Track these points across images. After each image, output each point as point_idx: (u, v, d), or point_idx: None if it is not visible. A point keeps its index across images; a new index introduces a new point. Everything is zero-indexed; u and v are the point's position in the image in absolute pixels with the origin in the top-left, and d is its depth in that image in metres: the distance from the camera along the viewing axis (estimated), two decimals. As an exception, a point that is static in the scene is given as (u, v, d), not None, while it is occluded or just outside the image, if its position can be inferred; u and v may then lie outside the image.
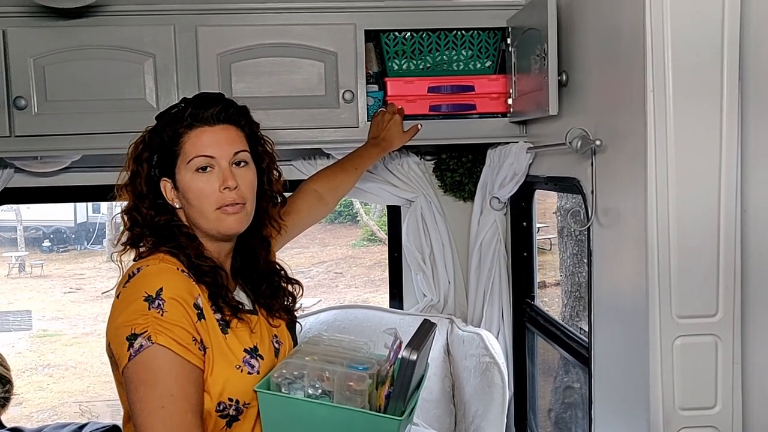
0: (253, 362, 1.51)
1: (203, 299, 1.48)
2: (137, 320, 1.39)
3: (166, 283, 1.43)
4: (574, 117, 2.03)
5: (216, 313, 1.50)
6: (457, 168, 2.81)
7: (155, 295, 1.41)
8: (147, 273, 1.46)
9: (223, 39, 2.34)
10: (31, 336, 11.00)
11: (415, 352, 1.42)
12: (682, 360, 1.58)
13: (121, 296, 1.45)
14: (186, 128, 1.55)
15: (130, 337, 1.39)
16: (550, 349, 2.96)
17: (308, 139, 2.43)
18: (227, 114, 1.57)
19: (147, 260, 1.50)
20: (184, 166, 1.54)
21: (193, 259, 1.52)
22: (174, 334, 1.40)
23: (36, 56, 2.29)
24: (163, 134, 1.57)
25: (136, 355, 1.38)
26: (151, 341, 1.38)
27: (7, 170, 2.64)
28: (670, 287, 1.58)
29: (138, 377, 1.38)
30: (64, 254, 16.12)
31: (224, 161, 1.55)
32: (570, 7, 2.03)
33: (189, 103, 1.58)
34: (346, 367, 1.49)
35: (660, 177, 1.57)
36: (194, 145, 1.54)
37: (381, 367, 1.52)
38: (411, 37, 2.47)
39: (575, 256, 5.58)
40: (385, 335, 1.57)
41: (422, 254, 2.82)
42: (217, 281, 1.53)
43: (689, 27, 1.55)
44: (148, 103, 2.32)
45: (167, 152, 1.56)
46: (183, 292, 1.44)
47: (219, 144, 1.55)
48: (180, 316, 1.41)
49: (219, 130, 1.55)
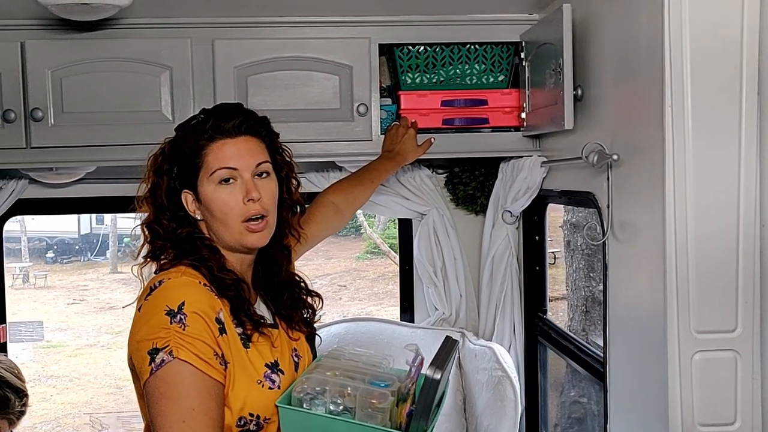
0: (274, 377, 1.51)
1: (225, 313, 1.48)
2: (159, 334, 1.39)
3: (188, 297, 1.43)
4: (589, 131, 2.03)
5: (237, 327, 1.50)
6: (470, 181, 2.81)
7: (177, 309, 1.41)
8: (169, 286, 1.46)
9: (239, 52, 2.36)
10: (35, 347, 11.00)
11: (439, 371, 1.42)
12: (701, 375, 1.58)
13: (143, 309, 1.45)
14: (207, 140, 1.54)
15: (151, 352, 1.38)
16: (558, 363, 2.96)
17: (322, 151, 2.45)
18: (248, 125, 1.57)
19: (169, 273, 1.50)
20: (207, 179, 1.54)
21: (215, 271, 1.51)
22: (196, 348, 1.39)
23: (53, 68, 2.30)
24: (183, 146, 1.57)
25: (157, 369, 1.38)
26: (173, 356, 1.38)
27: (21, 181, 2.65)
28: (689, 302, 1.58)
29: (159, 391, 1.38)
30: (67, 265, 16.14)
31: (247, 173, 1.55)
32: (585, 22, 2.04)
33: (209, 114, 1.58)
34: (368, 383, 1.48)
35: (678, 191, 1.57)
36: (216, 158, 1.54)
37: (402, 384, 1.51)
38: (424, 51, 2.48)
39: (582, 270, 5.57)
40: (403, 350, 1.57)
41: (434, 267, 2.82)
42: (240, 295, 1.53)
43: (708, 42, 1.56)
44: (164, 115, 2.34)
45: (188, 164, 1.56)
46: (205, 307, 1.44)
47: (241, 156, 1.55)
48: (202, 331, 1.41)
49: (241, 142, 1.55)
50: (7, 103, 2.30)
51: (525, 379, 2.76)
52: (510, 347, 2.73)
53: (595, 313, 5.51)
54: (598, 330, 5.43)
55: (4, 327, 2.86)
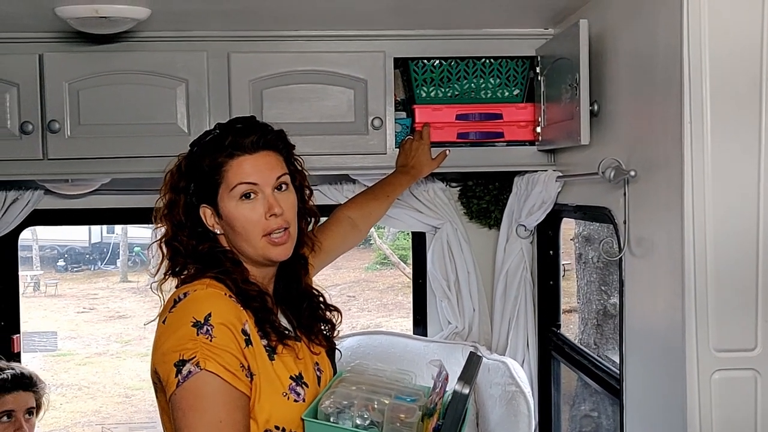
0: (299, 390, 1.50)
1: (250, 325, 1.48)
2: (186, 345, 1.39)
3: (215, 309, 1.43)
4: (605, 146, 2.03)
5: (263, 339, 1.50)
6: (484, 195, 2.81)
7: (203, 321, 1.40)
8: (195, 298, 1.45)
9: (255, 65, 2.37)
10: (45, 355, 11.03)
11: (467, 386, 1.43)
12: (720, 394, 1.56)
13: (168, 321, 1.45)
14: (227, 157, 1.54)
15: (178, 363, 1.38)
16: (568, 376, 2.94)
17: (337, 165, 2.45)
18: (266, 140, 1.57)
19: (194, 285, 1.49)
20: (228, 194, 1.54)
21: (240, 284, 1.51)
22: (223, 360, 1.39)
23: (71, 80, 2.32)
24: (201, 163, 1.56)
25: (184, 381, 1.37)
26: (200, 367, 1.37)
27: (37, 192, 2.67)
28: (708, 320, 1.56)
29: (186, 403, 1.37)
30: (78, 274, 16.20)
31: (267, 188, 1.55)
32: (601, 37, 2.04)
33: (227, 130, 1.57)
34: (394, 398, 1.48)
35: (697, 207, 1.56)
36: (236, 174, 1.54)
37: (428, 399, 1.51)
38: (439, 64, 2.48)
39: (594, 284, 5.55)
40: (421, 366, 1.57)
41: (447, 281, 2.82)
42: (265, 306, 1.53)
43: (728, 57, 1.55)
44: (180, 128, 2.35)
45: (207, 181, 1.55)
46: (232, 318, 1.44)
47: (261, 171, 1.55)
48: (229, 342, 1.41)
49: (260, 157, 1.56)
50: (24, 115, 2.32)
51: (538, 394, 2.75)
52: (523, 362, 2.72)
53: (606, 326, 5.48)
54: (609, 344, 5.41)
55: (18, 337, 2.88)
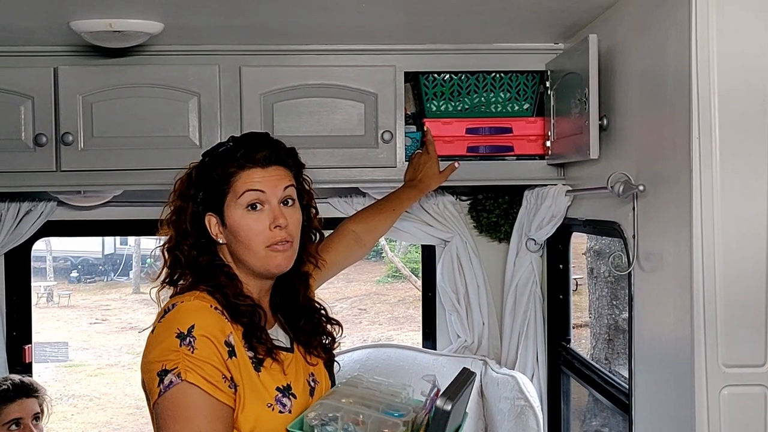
0: (285, 401, 1.51)
1: (236, 337, 1.49)
2: (169, 356, 1.41)
3: (198, 321, 1.45)
4: (615, 161, 2.03)
5: (249, 350, 1.51)
6: (494, 209, 2.81)
7: (187, 332, 1.43)
8: (181, 309, 1.48)
9: (266, 79, 2.39)
10: (57, 366, 11.06)
11: (449, 402, 1.40)
12: (730, 411, 1.55)
13: (156, 331, 1.48)
14: (237, 168, 1.56)
15: (160, 373, 1.41)
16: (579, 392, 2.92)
17: (347, 177, 2.46)
18: (278, 156, 1.59)
19: (182, 296, 1.52)
20: (234, 203, 1.56)
21: (231, 298, 1.52)
22: (204, 371, 1.41)
23: (85, 93, 2.35)
24: (212, 172, 1.58)
25: (165, 391, 1.40)
26: (181, 378, 1.40)
27: (50, 203, 2.69)
28: (717, 335, 1.56)
29: (168, 413, 1.40)
30: (90, 285, 16.26)
31: (274, 200, 1.57)
32: (611, 52, 2.05)
33: (240, 143, 1.59)
34: (382, 412, 1.47)
35: (706, 223, 1.56)
36: (245, 182, 1.55)
37: (417, 415, 1.50)
38: (450, 78, 2.49)
39: (605, 298, 5.52)
40: (421, 380, 1.56)
41: (457, 295, 2.81)
42: (254, 321, 1.53)
43: (736, 73, 1.56)
44: (192, 140, 2.37)
45: (216, 190, 1.57)
46: (214, 330, 1.45)
47: (270, 181, 1.56)
48: (210, 354, 1.43)
49: (270, 171, 1.57)
50: (39, 127, 2.35)
51: (548, 408, 2.73)
52: (533, 376, 2.70)
53: (618, 341, 5.44)
54: (621, 359, 5.37)
55: (30, 347, 2.90)
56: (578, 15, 2.14)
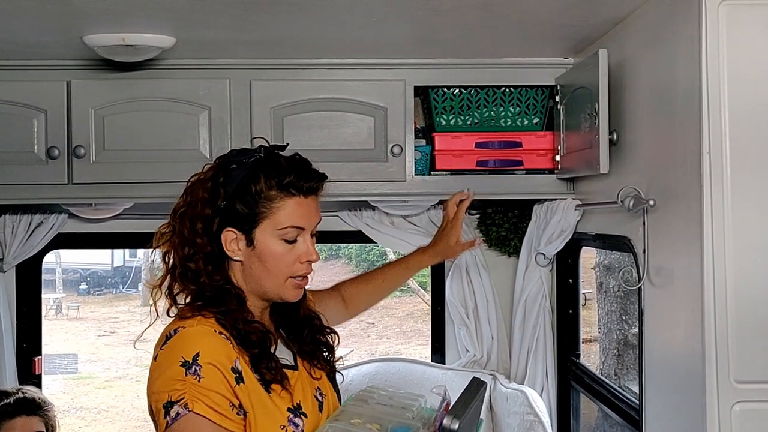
0: (297, 421, 1.48)
1: (242, 362, 1.45)
2: (174, 387, 1.38)
3: (203, 348, 1.40)
4: (624, 176, 2.03)
5: (256, 373, 1.46)
6: (503, 223, 2.81)
7: (192, 361, 1.38)
8: (184, 336, 1.43)
9: (276, 93, 2.40)
10: (65, 378, 11.07)
11: (456, 420, 1.36)
12: (742, 427, 1.54)
13: (159, 359, 1.43)
14: (283, 193, 1.50)
15: (166, 405, 1.37)
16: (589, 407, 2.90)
17: (356, 191, 2.47)
18: (318, 186, 1.56)
19: (185, 321, 1.46)
20: (272, 230, 1.50)
21: (240, 325, 1.47)
22: (211, 401, 1.38)
23: (97, 107, 2.38)
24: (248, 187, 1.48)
25: (173, 422, 1.36)
26: (188, 409, 1.36)
27: (61, 216, 2.72)
28: (728, 351, 1.55)
29: None
30: (99, 297, 16.28)
31: (308, 233, 1.54)
32: (621, 67, 2.05)
33: (291, 168, 1.51)
34: (390, 430, 1.45)
35: (717, 237, 1.55)
36: (290, 216, 1.50)
37: (427, 430, 1.49)
38: (459, 93, 2.50)
39: (615, 313, 5.50)
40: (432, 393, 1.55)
41: (466, 309, 2.81)
42: (264, 349, 1.48)
43: (746, 89, 1.55)
44: (202, 153, 2.39)
45: (250, 208, 1.49)
46: (221, 357, 1.41)
47: (310, 217, 1.54)
48: (218, 383, 1.39)
49: (311, 202, 1.54)
50: (51, 140, 2.37)
51: (557, 424, 2.72)
52: (542, 391, 2.69)
53: (628, 356, 5.41)
54: (630, 374, 5.34)
55: (40, 359, 2.90)
56: (588, 30, 2.15)
